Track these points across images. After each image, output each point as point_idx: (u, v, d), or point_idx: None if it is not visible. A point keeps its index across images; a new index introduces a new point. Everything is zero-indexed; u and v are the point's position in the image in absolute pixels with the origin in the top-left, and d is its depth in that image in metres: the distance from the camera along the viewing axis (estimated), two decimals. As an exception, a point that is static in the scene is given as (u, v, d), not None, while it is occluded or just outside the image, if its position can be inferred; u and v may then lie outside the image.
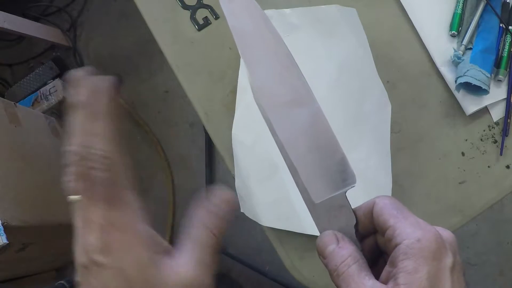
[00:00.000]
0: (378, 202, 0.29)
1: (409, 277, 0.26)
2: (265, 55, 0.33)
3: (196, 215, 0.29)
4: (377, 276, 0.28)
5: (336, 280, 0.29)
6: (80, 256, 0.26)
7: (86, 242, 0.26)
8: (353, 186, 0.31)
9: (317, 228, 0.31)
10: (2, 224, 0.77)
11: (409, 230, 0.27)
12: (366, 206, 0.30)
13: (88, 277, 0.26)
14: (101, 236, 0.26)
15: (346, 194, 0.31)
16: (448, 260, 0.27)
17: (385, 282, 0.27)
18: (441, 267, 0.27)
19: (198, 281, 0.26)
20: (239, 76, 0.58)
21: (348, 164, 0.31)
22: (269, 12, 0.60)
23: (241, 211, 0.54)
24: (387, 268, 0.28)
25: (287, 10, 0.59)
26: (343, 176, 0.31)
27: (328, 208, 0.31)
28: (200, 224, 0.28)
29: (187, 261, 0.27)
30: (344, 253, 0.29)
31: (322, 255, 0.30)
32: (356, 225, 0.30)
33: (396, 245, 0.27)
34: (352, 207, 0.31)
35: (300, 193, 0.32)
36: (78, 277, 0.27)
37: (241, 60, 0.58)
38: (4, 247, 0.77)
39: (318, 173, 0.31)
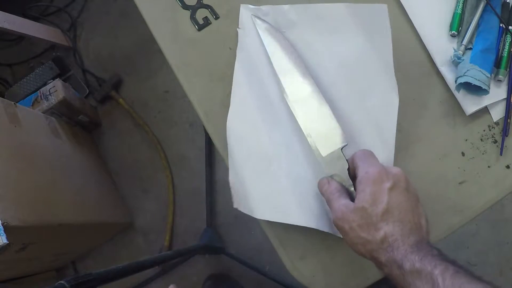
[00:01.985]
0: (356, 153, 0.48)
1: (359, 195, 0.44)
2: (291, 67, 0.56)
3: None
4: None
5: (328, 204, 0.48)
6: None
7: None
8: (346, 145, 0.51)
9: (324, 171, 0.51)
10: (2, 224, 0.77)
11: (364, 167, 0.45)
12: (352, 156, 0.48)
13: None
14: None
15: (342, 150, 0.50)
16: (387, 184, 0.43)
17: None
18: (381, 188, 0.43)
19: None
20: (234, 70, 0.58)
21: (340, 131, 0.52)
22: (266, 9, 0.60)
23: (234, 206, 0.54)
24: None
25: (286, 6, 0.59)
26: (338, 139, 0.51)
27: (330, 159, 0.51)
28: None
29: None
30: (332, 188, 0.48)
31: (321, 192, 0.50)
32: (348, 169, 0.49)
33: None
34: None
35: (314, 151, 0.52)
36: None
37: (237, 55, 0.59)
38: (4, 247, 0.77)
39: (324, 138, 0.52)
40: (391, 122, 0.54)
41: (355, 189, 0.47)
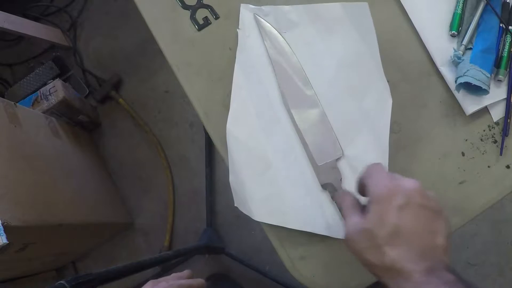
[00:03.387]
0: (364, 172, 0.44)
1: (368, 215, 0.41)
2: (290, 75, 0.57)
3: None
4: None
5: (342, 214, 0.45)
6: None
7: None
8: (341, 156, 0.53)
9: (318, 180, 0.53)
10: (2, 224, 0.77)
11: (372, 185, 0.42)
12: (361, 176, 0.45)
13: None
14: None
15: (336, 161, 0.53)
16: (398, 202, 0.39)
17: None
18: (390, 207, 0.39)
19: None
20: (234, 72, 0.58)
21: (337, 143, 0.54)
22: (267, 9, 0.60)
23: (235, 205, 0.54)
24: None
25: (286, 7, 0.59)
26: (334, 150, 0.54)
27: (325, 168, 0.53)
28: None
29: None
30: (347, 203, 0.45)
31: (338, 206, 0.51)
32: (341, 180, 0.53)
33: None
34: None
35: (309, 160, 0.54)
36: None
37: (237, 57, 0.59)
38: (4, 247, 0.77)
39: (320, 148, 0.54)
40: (385, 122, 0.54)
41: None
